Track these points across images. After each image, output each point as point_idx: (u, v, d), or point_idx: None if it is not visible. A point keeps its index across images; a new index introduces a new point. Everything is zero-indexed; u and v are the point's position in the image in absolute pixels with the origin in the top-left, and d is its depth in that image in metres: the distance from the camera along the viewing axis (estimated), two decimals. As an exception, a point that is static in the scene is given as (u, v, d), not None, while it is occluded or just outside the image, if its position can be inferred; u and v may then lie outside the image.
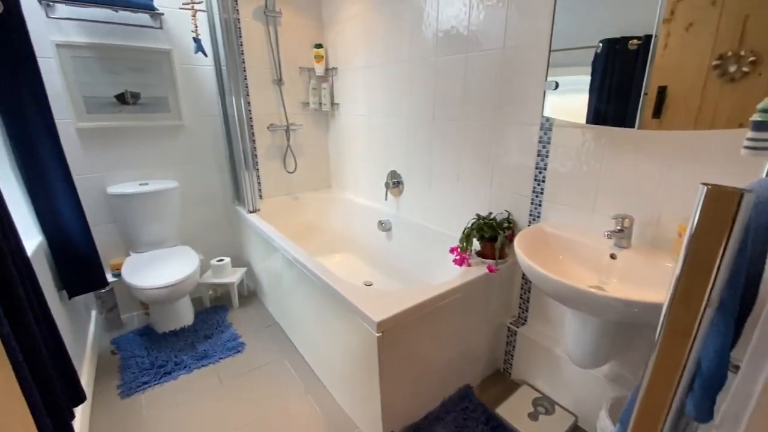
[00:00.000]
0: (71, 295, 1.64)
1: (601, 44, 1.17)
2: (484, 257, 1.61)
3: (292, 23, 2.48)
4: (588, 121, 1.23)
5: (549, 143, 1.45)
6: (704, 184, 0.42)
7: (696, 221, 0.44)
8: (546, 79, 1.31)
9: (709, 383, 0.54)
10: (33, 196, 1.48)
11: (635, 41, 1.10)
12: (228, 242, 2.60)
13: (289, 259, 1.79)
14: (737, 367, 0.55)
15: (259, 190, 2.64)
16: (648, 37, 1.06)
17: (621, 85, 1.14)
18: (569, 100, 1.28)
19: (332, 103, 2.70)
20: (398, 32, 2.01)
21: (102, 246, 1.97)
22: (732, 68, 0.94)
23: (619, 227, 1.20)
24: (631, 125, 1.11)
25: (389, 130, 2.25)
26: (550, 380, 1.57)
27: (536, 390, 1.61)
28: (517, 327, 1.68)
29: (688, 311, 0.48)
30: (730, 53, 0.94)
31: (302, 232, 2.71)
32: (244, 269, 2.44)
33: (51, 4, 1.68)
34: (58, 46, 1.78)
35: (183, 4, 2.00)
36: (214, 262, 2.32)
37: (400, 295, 1.33)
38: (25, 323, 0.97)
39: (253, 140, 2.51)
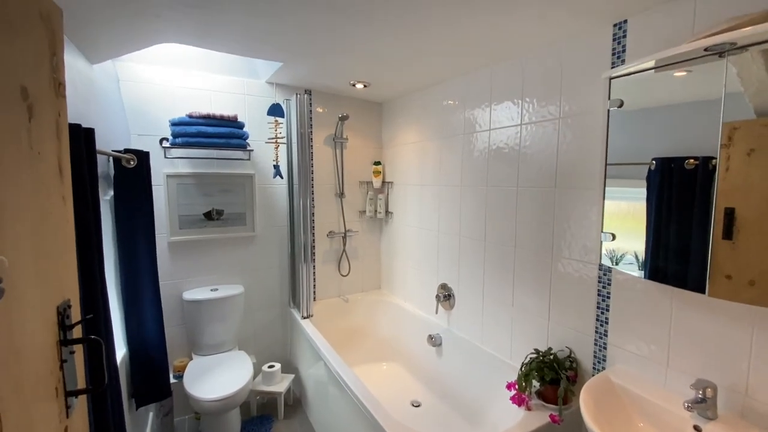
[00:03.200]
0: (138, 405, 1.74)
1: (654, 161, 1.18)
2: (544, 399, 1.51)
3: (355, 145, 2.82)
4: (646, 276, 1.22)
5: (610, 284, 1.44)
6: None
7: None
8: (602, 230, 1.34)
9: None
10: (127, 314, 1.68)
11: (692, 161, 1.09)
12: (280, 346, 2.67)
13: (333, 375, 1.79)
14: None
15: (314, 292, 2.76)
16: (706, 159, 1.05)
17: (681, 240, 1.13)
18: (628, 246, 1.29)
19: (386, 212, 2.90)
20: (450, 161, 2.21)
21: (170, 347, 2.12)
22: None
23: (701, 396, 1.10)
24: (700, 289, 1.08)
25: (440, 243, 2.34)
26: None
27: None
28: (588, 486, 1.48)
29: None
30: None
31: (350, 335, 2.73)
32: (292, 376, 2.46)
33: (168, 148, 2.09)
34: (168, 176, 2.16)
35: (269, 138, 2.39)
36: (265, 368, 2.37)
37: (457, 446, 1.27)
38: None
39: (313, 245, 2.71)
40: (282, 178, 2.45)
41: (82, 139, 0.93)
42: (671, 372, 1.26)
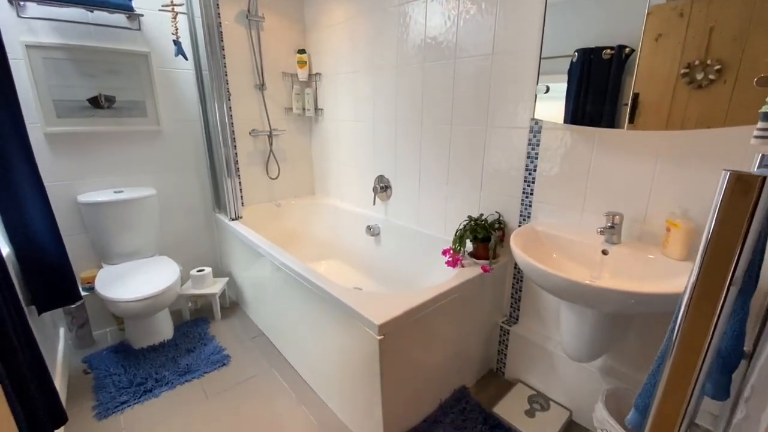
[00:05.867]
0: (41, 311, 1.52)
1: (576, 53, 1.25)
2: (476, 258, 1.63)
3: (274, 28, 2.45)
4: (566, 121, 1.29)
5: (538, 146, 1.50)
6: (726, 170, 0.44)
7: (719, 205, 0.46)
8: (537, 83, 1.35)
9: (727, 362, 0.56)
10: (0, 205, 1.37)
11: (609, 51, 1.16)
12: (208, 252, 2.50)
13: (276, 265, 1.74)
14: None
15: (241, 197, 2.56)
16: (621, 47, 1.13)
17: (598, 86, 1.22)
18: (557, 104, 1.33)
19: (316, 109, 2.68)
20: (384, 39, 2.03)
21: (72, 258, 1.84)
22: (699, 76, 1.01)
23: (610, 224, 1.25)
24: (610, 125, 1.18)
25: (376, 134, 2.26)
26: (544, 377, 1.59)
27: (530, 387, 1.63)
28: (509, 326, 1.70)
29: (711, 293, 0.50)
30: (697, 62, 1.01)
31: (286, 240, 2.65)
32: (225, 279, 2.35)
33: (22, 3, 1.59)
34: (28, 47, 1.67)
35: (163, 5, 1.94)
36: (194, 272, 2.22)
37: (398, 298, 1.32)
38: (6, 335, 0.89)
39: (235, 146, 2.44)
40: (186, 59, 2.06)
41: None
42: (585, 214, 1.41)
